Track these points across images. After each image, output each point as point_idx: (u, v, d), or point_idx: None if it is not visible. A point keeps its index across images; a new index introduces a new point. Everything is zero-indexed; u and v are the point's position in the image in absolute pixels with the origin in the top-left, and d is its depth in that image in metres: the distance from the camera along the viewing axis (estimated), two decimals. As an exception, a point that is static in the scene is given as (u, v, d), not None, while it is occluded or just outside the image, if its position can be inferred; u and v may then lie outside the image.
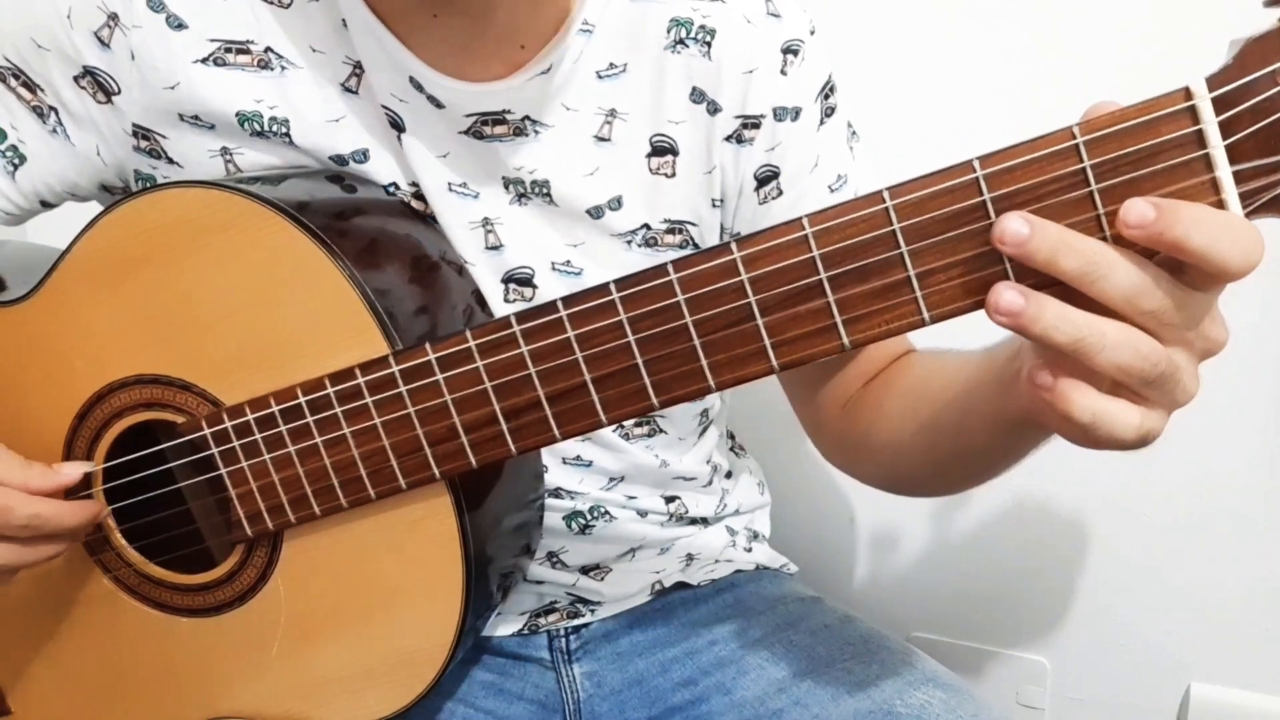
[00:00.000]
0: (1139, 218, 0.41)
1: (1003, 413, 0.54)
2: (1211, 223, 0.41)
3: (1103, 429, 0.45)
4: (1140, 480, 1.01)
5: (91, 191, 0.71)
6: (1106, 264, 0.42)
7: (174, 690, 0.66)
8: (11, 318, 0.64)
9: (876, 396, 0.71)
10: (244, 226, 0.58)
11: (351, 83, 0.65)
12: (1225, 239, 0.41)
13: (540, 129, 0.66)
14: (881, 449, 0.70)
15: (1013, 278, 0.44)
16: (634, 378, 0.50)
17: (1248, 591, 1.00)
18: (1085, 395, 0.44)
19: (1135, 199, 0.41)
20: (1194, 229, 0.40)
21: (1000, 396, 0.54)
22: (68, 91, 0.66)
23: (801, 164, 0.71)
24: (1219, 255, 0.41)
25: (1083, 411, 0.44)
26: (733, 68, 0.68)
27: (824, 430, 0.77)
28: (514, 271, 0.68)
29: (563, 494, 0.72)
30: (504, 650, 0.79)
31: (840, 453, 0.77)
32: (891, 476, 0.73)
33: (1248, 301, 0.91)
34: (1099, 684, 1.10)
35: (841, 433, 0.75)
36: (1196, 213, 0.41)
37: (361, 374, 0.55)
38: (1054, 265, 0.42)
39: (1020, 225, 0.42)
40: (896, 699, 0.67)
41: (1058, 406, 0.45)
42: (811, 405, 0.77)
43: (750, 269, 0.47)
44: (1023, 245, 0.42)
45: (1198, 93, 0.41)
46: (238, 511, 0.60)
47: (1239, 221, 0.41)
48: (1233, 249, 0.41)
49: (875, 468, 0.74)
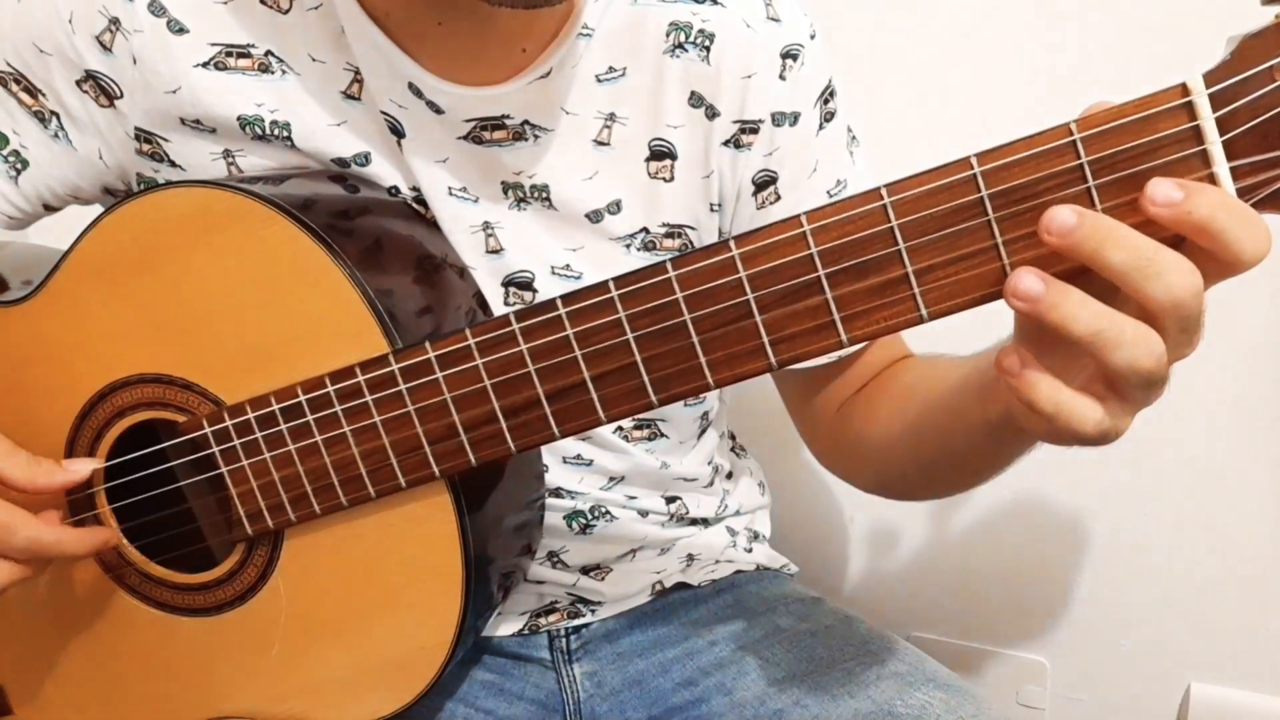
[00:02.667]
0: (1166, 198, 0.40)
1: (984, 415, 0.55)
2: (1235, 208, 0.40)
3: (1063, 421, 0.45)
4: (1140, 480, 1.01)
5: (94, 195, 0.71)
6: (1161, 263, 0.41)
7: (174, 689, 0.66)
8: (14, 318, 0.64)
9: (869, 399, 0.72)
10: (245, 226, 0.58)
11: (352, 89, 0.65)
12: (1244, 226, 0.40)
13: (540, 133, 0.67)
14: (871, 451, 0.71)
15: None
16: (633, 375, 0.50)
17: (1248, 591, 1.00)
18: (1050, 386, 0.44)
19: (1161, 178, 0.41)
20: (1220, 212, 0.40)
21: (982, 400, 0.55)
22: (70, 96, 0.66)
23: (800, 169, 0.71)
24: (1238, 242, 0.40)
25: (1046, 402, 0.44)
26: (731, 72, 0.68)
27: (819, 434, 0.78)
28: (514, 275, 0.68)
29: (563, 493, 0.72)
30: (504, 650, 0.79)
31: (833, 456, 0.78)
32: (881, 479, 0.74)
33: (1248, 301, 0.92)
34: (1099, 684, 1.10)
35: (835, 436, 0.76)
36: (1222, 197, 0.41)
37: (361, 372, 0.55)
38: (1099, 258, 0.41)
39: (1068, 215, 0.41)
40: (896, 699, 0.67)
41: (1022, 393, 0.45)
42: (807, 409, 0.78)
43: (748, 266, 0.47)
44: (1069, 235, 0.41)
45: (1195, 88, 0.41)
46: (238, 510, 0.60)
47: (1252, 211, 0.41)
48: (1250, 237, 0.41)
49: (866, 470, 0.74)
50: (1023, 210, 0.43)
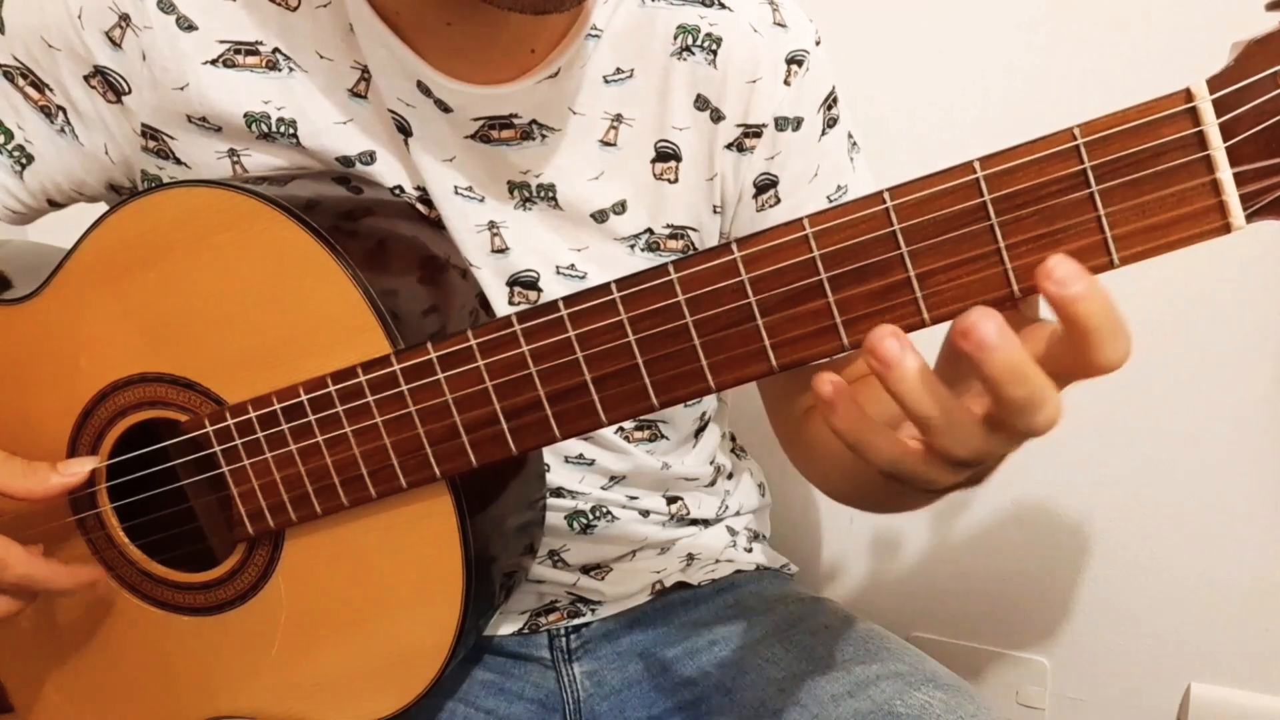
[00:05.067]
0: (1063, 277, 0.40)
1: None
2: (1114, 318, 0.41)
3: (862, 453, 0.45)
4: (1140, 480, 1.01)
5: (99, 191, 0.71)
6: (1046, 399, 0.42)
7: (174, 688, 0.66)
8: (17, 316, 0.64)
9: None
10: (248, 225, 0.58)
11: (359, 87, 0.65)
12: (1115, 337, 0.41)
13: (547, 133, 0.67)
14: (821, 461, 0.72)
15: (1014, 282, 0.44)
16: (634, 378, 0.50)
17: (1248, 591, 1.00)
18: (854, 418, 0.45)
19: (1066, 258, 0.41)
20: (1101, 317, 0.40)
21: None
22: (77, 91, 0.66)
23: (800, 173, 0.71)
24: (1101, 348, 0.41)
25: (847, 432, 0.45)
26: (737, 77, 0.68)
27: (785, 438, 0.79)
28: (519, 275, 0.68)
29: (564, 493, 0.72)
30: (504, 649, 0.79)
31: (799, 461, 0.79)
32: (834, 489, 0.74)
33: (1248, 301, 0.92)
34: (1099, 684, 1.10)
35: (797, 442, 0.77)
36: (1108, 304, 0.40)
37: (363, 373, 0.55)
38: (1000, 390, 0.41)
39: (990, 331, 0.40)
40: (896, 699, 0.67)
41: (825, 414, 0.45)
42: (781, 415, 0.79)
43: (750, 269, 0.47)
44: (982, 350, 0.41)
45: (1199, 94, 0.41)
46: (239, 510, 0.60)
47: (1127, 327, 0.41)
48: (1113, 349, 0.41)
49: (821, 478, 0.75)
50: (1026, 215, 0.43)
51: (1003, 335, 0.40)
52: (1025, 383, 0.41)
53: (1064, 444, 1.01)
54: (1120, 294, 0.42)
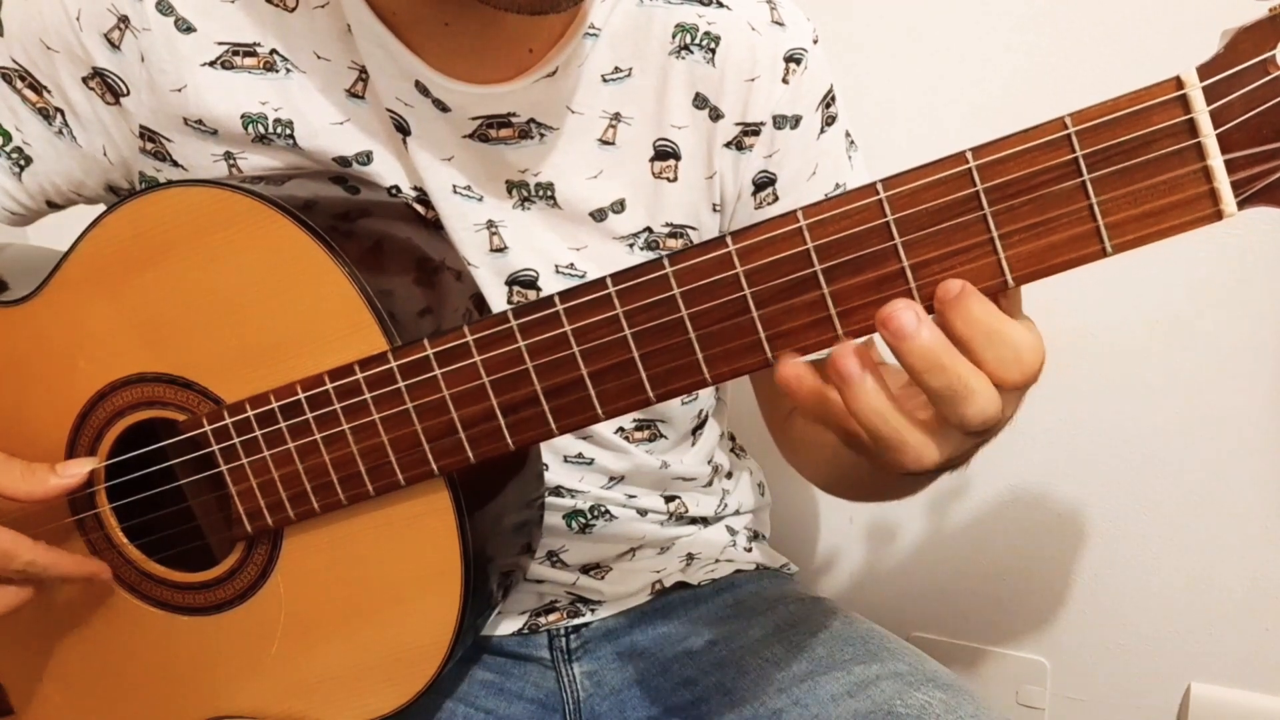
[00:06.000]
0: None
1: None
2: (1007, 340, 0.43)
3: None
4: (1141, 481, 1.01)
5: (98, 192, 0.71)
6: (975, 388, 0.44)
7: (174, 688, 0.66)
8: (15, 318, 0.64)
9: None
10: (245, 225, 0.58)
11: (357, 88, 0.65)
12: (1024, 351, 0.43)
13: (545, 132, 0.67)
14: (807, 450, 0.74)
15: (1007, 271, 0.44)
16: (630, 372, 0.50)
17: (1248, 591, 1.00)
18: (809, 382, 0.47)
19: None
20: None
21: None
22: (76, 92, 0.66)
23: (798, 171, 0.71)
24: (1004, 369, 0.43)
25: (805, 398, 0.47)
26: (735, 75, 0.68)
27: (775, 429, 0.81)
28: (518, 274, 0.68)
29: (563, 492, 0.72)
30: (504, 649, 0.79)
31: (787, 451, 0.81)
32: (819, 478, 0.76)
33: (1248, 301, 0.92)
34: (1099, 684, 1.10)
35: (785, 432, 0.79)
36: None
37: (360, 370, 0.55)
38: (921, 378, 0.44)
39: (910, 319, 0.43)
40: (896, 699, 0.67)
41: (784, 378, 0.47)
42: (770, 405, 0.81)
43: (745, 262, 0.47)
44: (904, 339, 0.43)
45: (1189, 82, 0.41)
46: (238, 508, 0.60)
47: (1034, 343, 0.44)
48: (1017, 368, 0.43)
49: (808, 468, 0.77)
50: (1018, 204, 0.43)
51: (921, 324, 0.43)
52: (942, 373, 0.43)
53: (1064, 444, 1.02)
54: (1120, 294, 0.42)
